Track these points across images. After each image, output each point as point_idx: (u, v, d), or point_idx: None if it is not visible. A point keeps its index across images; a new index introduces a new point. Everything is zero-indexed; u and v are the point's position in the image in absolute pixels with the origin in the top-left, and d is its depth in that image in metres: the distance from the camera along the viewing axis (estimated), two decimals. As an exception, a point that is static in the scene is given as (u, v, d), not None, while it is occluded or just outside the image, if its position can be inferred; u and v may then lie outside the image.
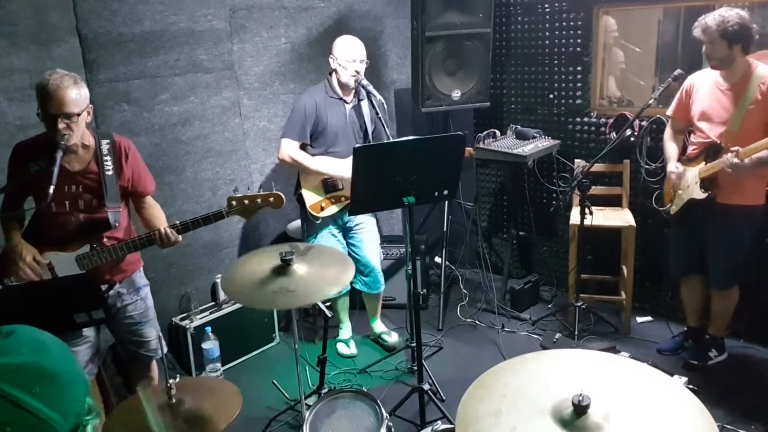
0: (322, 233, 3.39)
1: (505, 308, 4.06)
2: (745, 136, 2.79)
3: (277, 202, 2.49)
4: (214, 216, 2.45)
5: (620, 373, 1.42)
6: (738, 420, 2.76)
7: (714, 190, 2.95)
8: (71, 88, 2.23)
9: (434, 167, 2.67)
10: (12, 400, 0.79)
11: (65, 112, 2.22)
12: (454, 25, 3.83)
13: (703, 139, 3.02)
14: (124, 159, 2.48)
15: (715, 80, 2.96)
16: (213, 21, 3.46)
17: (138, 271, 2.66)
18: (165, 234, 2.42)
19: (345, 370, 3.52)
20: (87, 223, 2.41)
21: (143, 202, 2.60)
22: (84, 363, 2.47)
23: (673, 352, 3.46)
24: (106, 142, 2.44)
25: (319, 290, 2.27)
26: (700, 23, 2.85)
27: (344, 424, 2.32)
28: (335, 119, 3.28)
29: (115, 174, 2.44)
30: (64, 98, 2.21)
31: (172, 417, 1.89)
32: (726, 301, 3.21)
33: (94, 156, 2.41)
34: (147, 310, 2.66)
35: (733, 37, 2.75)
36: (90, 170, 2.41)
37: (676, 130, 3.25)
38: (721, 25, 2.75)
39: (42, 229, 2.41)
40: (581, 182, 3.41)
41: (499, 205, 4.67)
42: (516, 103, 4.38)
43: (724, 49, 2.79)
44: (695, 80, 3.08)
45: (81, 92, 2.28)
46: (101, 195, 2.41)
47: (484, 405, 1.35)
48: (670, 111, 3.23)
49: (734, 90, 2.88)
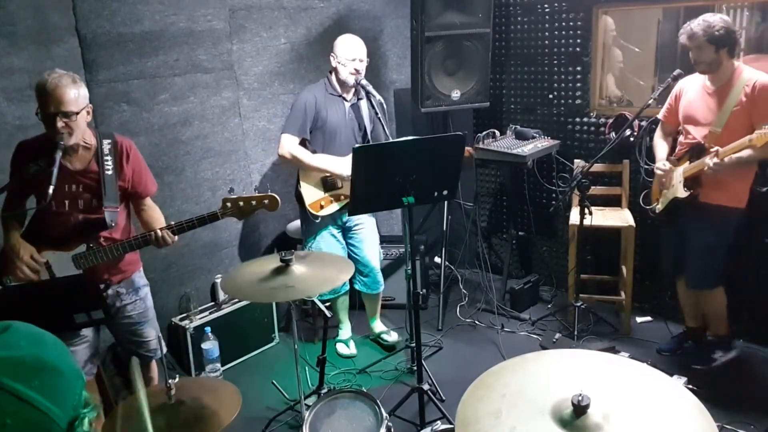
0: (322, 233, 3.38)
1: (504, 308, 4.06)
2: (728, 137, 2.84)
3: (272, 204, 2.46)
4: (209, 217, 2.42)
5: (620, 373, 1.42)
6: (738, 420, 2.76)
7: (697, 189, 3.00)
8: (70, 87, 2.23)
9: (434, 167, 2.67)
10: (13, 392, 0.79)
11: (63, 111, 2.22)
12: (454, 25, 3.83)
13: (689, 140, 3.08)
14: (125, 159, 2.47)
15: (702, 83, 3.03)
16: (212, 21, 3.45)
17: (137, 271, 2.66)
18: (162, 236, 2.41)
19: (345, 370, 3.52)
20: (85, 223, 2.41)
21: (143, 203, 2.59)
22: (82, 363, 2.47)
23: (673, 352, 3.46)
24: (107, 142, 2.44)
25: (318, 286, 2.30)
26: (686, 30, 2.91)
27: (344, 424, 2.32)
28: (334, 116, 3.29)
29: (115, 174, 2.43)
30: (63, 97, 2.21)
31: (172, 417, 1.89)
32: (712, 302, 3.22)
33: (95, 155, 2.41)
34: (146, 310, 2.66)
35: (719, 42, 2.82)
36: (90, 170, 2.41)
37: (665, 133, 3.32)
38: (707, 30, 2.82)
39: (40, 228, 2.41)
40: (581, 182, 3.41)
41: (498, 205, 4.67)
42: (515, 103, 4.38)
43: (711, 54, 2.86)
44: (684, 85, 3.16)
45: (80, 91, 2.28)
46: (100, 195, 2.41)
47: (483, 405, 1.35)
48: (661, 115, 3.31)
49: (720, 92, 2.94)
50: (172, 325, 3.46)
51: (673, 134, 3.29)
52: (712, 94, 2.98)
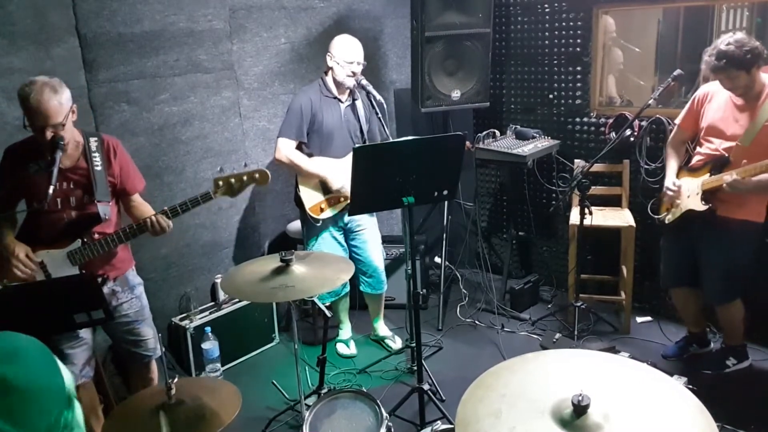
0: (323, 236, 3.38)
1: (504, 308, 4.06)
2: (755, 152, 2.74)
3: (263, 177, 2.47)
4: (202, 198, 2.43)
5: (620, 373, 1.42)
6: (738, 420, 2.75)
7: (715, 202, 2.91)
8: (52, 99, 2.24)
9: (434, 167, 2.67)
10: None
11: (52, 124, 2.25)
12: (454, 25, 3.83)
13: (710, 150, 2.97)
14: (112, 155, 2.51)
15: (730, 93, 2.89)
16: (213, 21, 3.45)
17: (131, 269, 2.67)
18: (156, 221, 2.41)
19: (345, 370, 3.52)
20: (78, 219, 2.43)
21: (132, 200, 2.61)
22: (81, 366, 2.48)
23: (679, 357, 3.44)
24: (94, 139, 2.47)
25: (318, 286, 2.30)
26: (710, 64, 2.75)
27: (344, 424, 2.32)
28: (330, 118, 3.27)
29: (104, 169, 2.46)
30: (48, 111, 2.23)
31: (172, 417, 1.89)
32: (729, 315, 3.16)
33: (83, 152, 2.44)
34: (142, 308, 2.67)
35: (749, 65, 2.69)
36: (79, 166, 2.43)
37: (680, 140, 3.19)
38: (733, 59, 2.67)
39: (32, 229, 2.42)
40: (581, 182, 3.41)
41: (498, 205, 4.67)
42: (515, 103, 4.38)
43: (744, 78, 2.73)
44: (709, 90, 3.00)
45: (62, 99, 2.28)
46: (91, 190, 2.43)
47: (483, 405, 1.35)
48: (679, 120, 3.16)
49: (750, 105, 2.82)
50: (172, 325, 3.46)
51: (687, 142, 3.18)
52: (741, 107, 2.85)
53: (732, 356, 3.27)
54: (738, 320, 3.17)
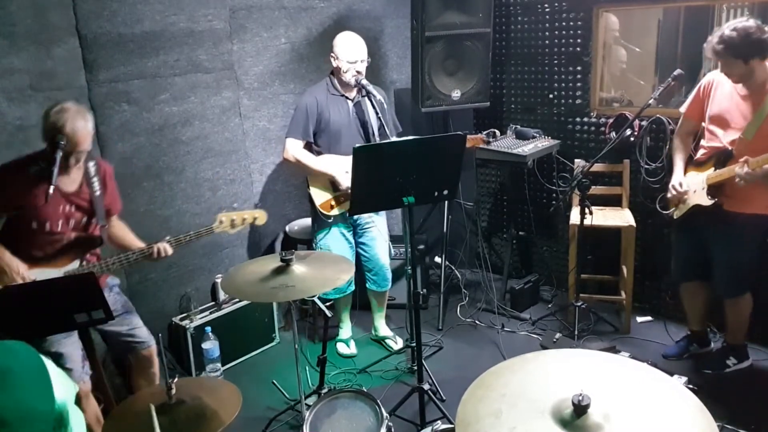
0: (332, 231, 3.40)
1: (505, 308, 4.06)
2: (757, 145, 2.71)
3: (261, 220, 2.83)
4: (205, 231, 2.70)
5: (620, 373, 1.42)
6: (738, 420, 2.75)
7: (721, 197, 2.89)
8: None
9: (434, 167, 2.67)
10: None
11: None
12: (454, 25, 3.83)
13: (714, 143, 2.95)
14: (108, 179, 2.62)
15: (734, 84, 2.85)
16: (213, 21, 3.45)
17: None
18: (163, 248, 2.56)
19: (345, 370, 3.52)
20: (78, 241, 2.52)
21: (112, 220, 2.71)
22: (80, 363, 2.51)
23: (679, 356, 3.43)
24: (92, 164, 2.56)
25: (318, 286, 2.31)
26: (709, 47, 2.74)
27: (344, 424, 2.32)
28: (337, 116, 3.29)
29: (101, 194, 2.56)
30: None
31: (172, 417, 1.89)
32: (737, 309, 3.15)
33: (85, 176, 2.52)
34: (126, 302, 2.78)
35: (747, 54, 2.66)
36: (82, 191, 2.52)
37: (687, 131, 3.16)
38: (730, 45, 2.65)
39: (28, 247, 2.45)
40: (581, 182, 3.41)
41: (498, 205, 4.67)
42: (516, 103, 4.38)
43: (740, 67, 2.71)
44: (714, 78, 2.94)
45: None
46: (92, 214, 2.53)
47: (484, 405, 1.35)
48: (684, 108, 3.12)
49: (754, 97, 2.78)
50: (172, 325, 3.46)
51: (694, 133, 3.16)
52: (745, 97, 2.81)
53: (732, 356, 3.26)
54: (745, 315, 3.17)
